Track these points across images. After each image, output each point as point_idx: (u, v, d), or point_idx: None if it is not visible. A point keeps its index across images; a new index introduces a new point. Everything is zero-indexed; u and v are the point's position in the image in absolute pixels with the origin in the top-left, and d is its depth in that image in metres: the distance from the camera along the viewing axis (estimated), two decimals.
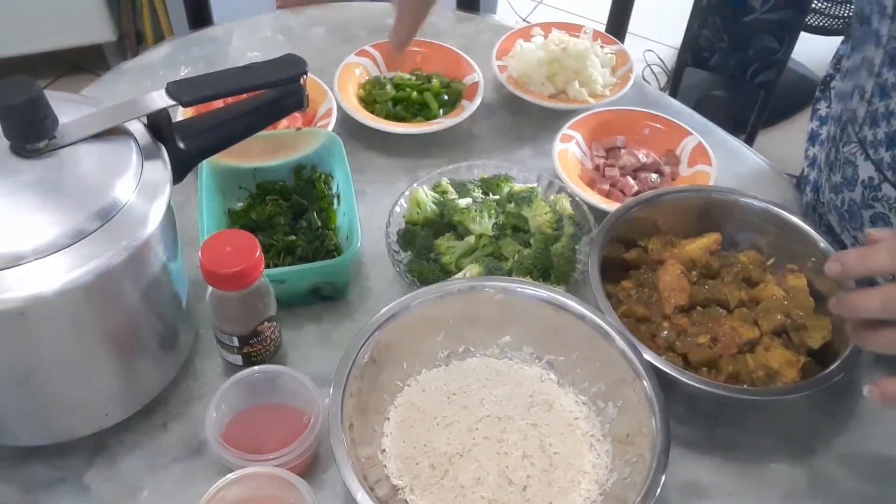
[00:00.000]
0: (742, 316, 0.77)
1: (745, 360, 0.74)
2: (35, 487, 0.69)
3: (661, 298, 0.78)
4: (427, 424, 0.71)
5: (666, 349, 0.75)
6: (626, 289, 0.80)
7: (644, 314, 0.77)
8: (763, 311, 0.77)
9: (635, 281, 0.81)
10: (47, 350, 0.63)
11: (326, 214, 0.88)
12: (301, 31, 1.19)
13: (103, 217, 0.60)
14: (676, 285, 0.78)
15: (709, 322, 0.76)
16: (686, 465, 0.73)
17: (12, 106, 0.60)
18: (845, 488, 0.72)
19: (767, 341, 0.75)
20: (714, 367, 0.74)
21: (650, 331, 0.77)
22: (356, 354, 0.69)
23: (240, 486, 0.64)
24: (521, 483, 0.67)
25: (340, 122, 1.00)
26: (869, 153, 0.78)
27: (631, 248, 0.84)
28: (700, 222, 0.85)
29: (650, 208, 0.84)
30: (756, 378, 0.73)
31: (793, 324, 0.76)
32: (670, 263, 0.80)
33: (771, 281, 0.79)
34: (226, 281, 0.67)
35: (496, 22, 1.28)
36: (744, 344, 0.74)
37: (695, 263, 0.81)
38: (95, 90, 1.08)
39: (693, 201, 0.86)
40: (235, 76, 0.71)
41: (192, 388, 0.76)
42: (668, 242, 0.83)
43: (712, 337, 0.75)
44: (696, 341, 0.75)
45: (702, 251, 0.81)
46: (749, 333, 0.75)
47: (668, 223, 0.85)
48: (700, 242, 0.82)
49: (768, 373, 0.73)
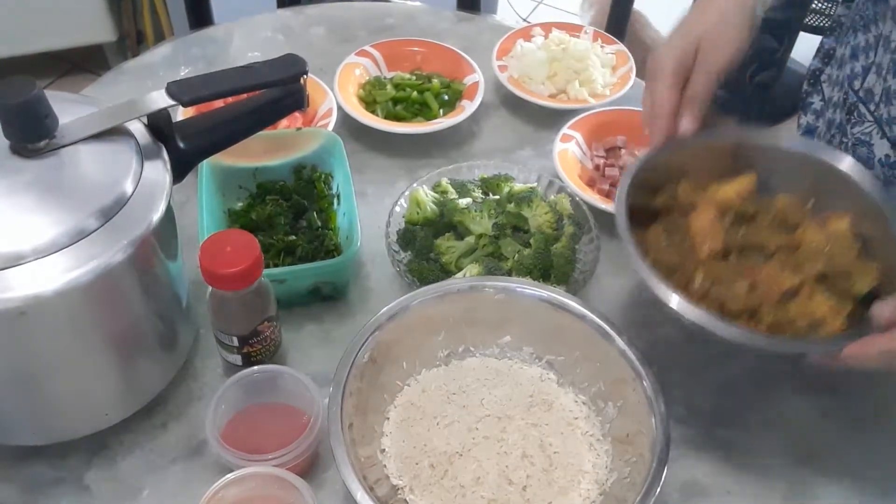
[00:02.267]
0: (782, 262, 0.71)
1: (786, 308, 0.69)
2: (35, 487, 0.69)
3: (693, 244, 0.73)
4: (427, 424, 0.71)
5: (700, 298, 0.70)
6: (656, 234, 0.75)
7: (675, 262, 0.72)
8: (804, 256, 0.72)
9: (664, 228, 0.76)
10: (47, 350, 0.63)
11: (326, 214, 0.88)
12: (301, 31, 1.19)
13: (103, 217, 0.60)
14: (710, 229, 0.73)
15: (746, 269, 0.71)
16: (686, 465, 0.73)
17: (12, 106, 0.60)
18: (845, 488, 0.72)
19: (810, 288, 0.70)
20: (753, 317, 0.69)
21: (682, 280, 0.71)
22: (356, 354, 0.69)
23: (240, 486, 0.64)
24: (520, 483, 0.67)
25: (340, 122, 1.00)
26: (885, 131, 0.77)
27: (658, 193, 0.79)
28: (731, 165, 0.78)
29: (678, 152, 0.77)
30: (798, 328, 0.68)
31: (836, 270, 0.71)
32: (703, 207, 0.74)
33: (812, 224, 0.74)
34: (226, 281, 0.67)
35: (496, 22, 1.28)
36: (785, 292, 0.69)
37: (728, 208, 0.75)
38: (95, 90, 1.08)
39: (724, 144, 0.79)
40: (235, 76, 0.71)
41: (192, 388, 0.76)
42: (698, 186, 0.77)
43: (751, 284, 0.70)
44: (734, 289, 0.69)
45: (736, 194, 0.76)
46: (790, 280, 0.69)
47: (698, 167, 0.78)
48: (734, 185, 0.76)
49: (812, 322, 0.68)
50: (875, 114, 0.79)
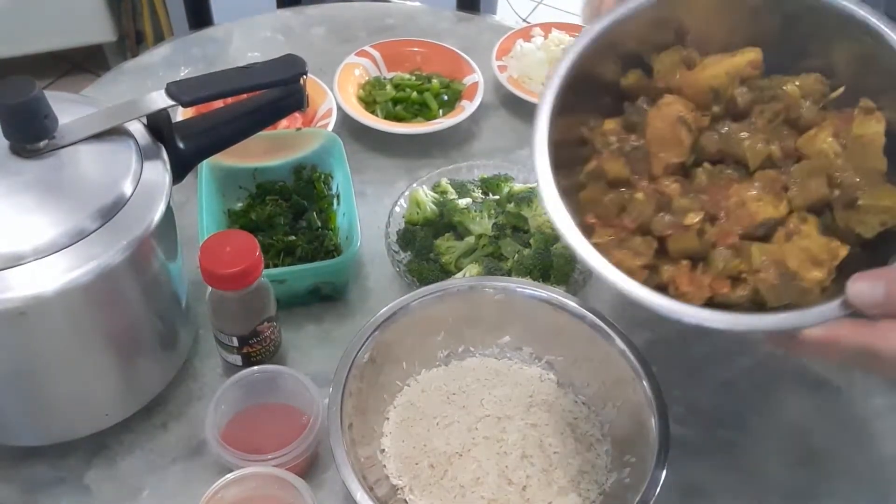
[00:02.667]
0: (766, 182, 0.53)
1: (750, 252, 0.51)
2: (35, 487, 0.69)
3: (649, 153, 0.55)
4: (426, 424, 0.71)
5: (636, 230, 0.54)
6: (607, 132, 0.57)
7: (621, 175, 0.55)
8: (800, 175, 0.52)
9: (624, 121, 0.57)
10: (47, 350, 0.63)
11: (326, 214, 0.88)
12: (301, 31, 1.19)
13: (103, 217, 0.60)
14: (670, 134, 0.54)
15: (714, 189, 0.53)
16: (686, 465, 0.73)
17: (12, 106, 0.60)
18: (845, 488, 0.72)
19: (794, 223, 0.52)
20: (701, 261, 0.53)
21: (618, 201, 0.55)
22: (356, 354, 0.69)
23: (239, 486, 0.64)
24: (520, 483, 0.67)
25: (340, 122, 1.00)
26: None
27: (630, 71, 0.59)
28: (751, 27, 0.56)
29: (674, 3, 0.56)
30: (763, 282, 0.50)
31: (842, 196, 0.51)
32: (667, 100, 0.55)
33: (827, 126, 0.53)
34: (226, 281, 0.68)
35: (496, 22, 1.28)
36: (756, 226, 0.52)
37: (717, 95, 0.56)
38: (95, 90, 1.08)
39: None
40: (235, 76, 0.71)
41: (191, 388, 0.76)
42: (684, 60, 0.57)
43: (709, 215, 0.52)
44: (682, 220, 0.52)
45: (728, 76, 0.55)
46: (768, 211, 0.51)
47: (702, 28, 0.57)
48: (728, 63, 0.55)
49: (783, 274, 0.50)
50: None
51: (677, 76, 0.56)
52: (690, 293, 0.52)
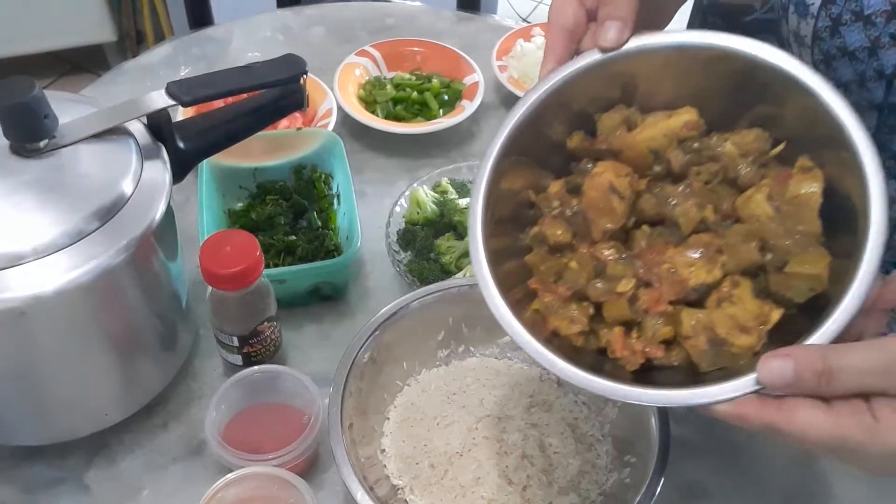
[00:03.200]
0: (700, 246, 0.51)
1: (681, 318, 0.50)
2: (35, 487, 0.69)
3: (587, 219, 0.54)
4: (427, 424, 0.71)
5: (572, 297, 0.53)
6: (552, 196, 0.56)
7: (561, 240, 0.54)
8: (735, 238, 0.51)
9: (567, 184, 0.56)
10: (47, 350, 0.63)
11: (326, 214, 0.88)
12: (301, 31, 1.19)
13: (103, 217, 0.60)
14: (603, 203, 0.53)
15: (650, 253, 0.52)
16: (686, 465, 0.73)
17: (12, 106, 0.60)
18: (845, 488, 0.72)
19: (727, 288, 0.50)
20: (638, 327, 0.52)
21: (555, 269, 0.54)
22: (356, 354, 0.69)
23: (240, 486, 0.64)
24: (520, 483, 0.67)
25: (340, 122, 1.00)
26: None
27: (574, 133, 0.57)
28: (702, 82, 0.54)
29: (627, 60, 0.54)
30: (693, 348, 0.50)
31: (773, 260, 0.50)
32: (599, 170, 0.54)
33: (762, 188, 0.51)
34: (226, 281, 0.67)
35: (496, 22, 1.28)
36: (689, 291, 0.50)
37: (658, 156, 0.54)
38: (95, 90, 1.08)
39: (697, 52, 0.53)
40: (235, 76, 0.71)
41: (192, 388, 0.76)
42: (626, 121, 0.55)
43: (642, 280, 0.51)
44: (614, 288, 0.51)
45: (665, 138, 0.53)
46: (700, 276, 0.50)
47: (651, 82, 0.55)
48: (664, 125, 0.54)
49: (713, 341, 0.49)
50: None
51: (620, 138, 0.55)
52: (625, 357, 0.52)
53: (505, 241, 0.56)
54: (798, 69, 0.50)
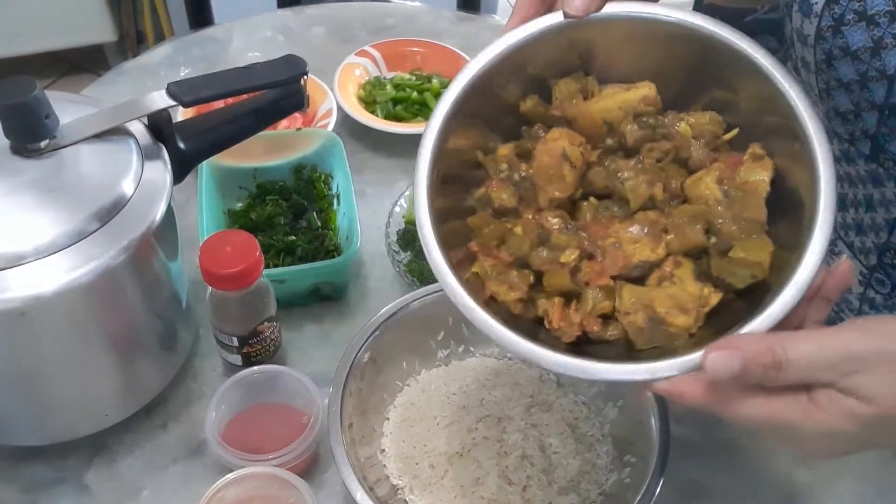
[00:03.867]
0: (646, 223, 0.52)
1: (622, 294, 0.51)
2: (35, 487, 0.69)
3: (535, 185, 0.54)
4: (426, 424, 0.71)
5: (513, 263, 0.53)
6: (500, 159, 0.55)
7: (507, 204, 0.53)
8: (681, 218, 0.51)
9: (517, 148, 0.55)
10: (47, 350, 0.63)
11: (326, 214, 0.88)
12: (301, 31, 1.19)
13: (103, 217, 0.60)
14: (554, 170, 0.52)
15: (595, 226, 0.52)
16: (686, 465, 0.73)
17: (12, 106, 0.60)
18: (845, 489, 0.72)
19: (669, 268, 0.51)
20: (577, 299, 0.52)
21: (497, 232, 0.53)
22: (356, 354, 0.69)
23: (240, 486, 0.64)
24: (520, 483, 0.67)
25: (340, 122, 1.00)
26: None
27: (529, 96, 0.56)
28: (662, 57, 0.54)
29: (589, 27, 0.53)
30: (631, 325, 0.50)
31: (717, 244, 0.51)
32: (554, 136, 0.53)
33: (713, 170, 0.52)
34: (226, 281, 0.68)
35: (496, 22, 1.28)
36: (632, 268, 0.51)
37: (612, 129, 0.54)
38: (96, 90, 1.08)
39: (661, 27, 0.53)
40: (236, 76, 0.71)
41: (191, 388, 0.76)
42: (582, 90, 0.55)
43: (586, 252, 0.51)
44: (558, 257, 0.51)
45: (621, 111, 0.54)
46: (643, 253, 0.50)
47: (611, 53, 0.55)
48: (621, 97, 0.54)
49: (651, 319, 0.49)
50: None
51: (575, 107, 0.55)
52: (562, 329, 0.51)
53: (450, 200, 0.54)
54: (756, 52, 0.50)
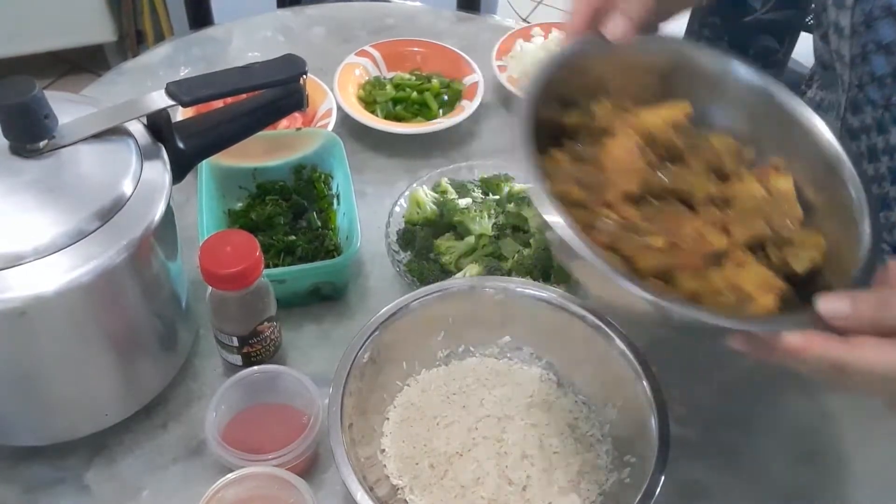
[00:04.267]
0: (710, 217, 0.57)
1: (707, 276, 0.54)
2: (35, 487, 0.69)
3: (604, 179, 0.57)
4: (427, 424, 0.71)
5: (606, 246, 0.54)
6: (559, 161, 0.59)
7: (579, 198, 0.57)
8: (739, 214, 0.57)
9: (571, 154, 0.60)
10: (47, 350, 0.63)
11: (326, 214, 0.88)
12: (301, 31, 1.19)
13: (103, 217, 0.60)
14: (629, 163, 0.57)
15: (666, 220, 0.56)
16: (686, 465, 0.72)
17: (12, 106, 0.60)
18: (845, 489, 0.72)
19: (740, 255, 0.55)
20: (668, 281, 0.54)
21: (585, 220, 0.56)
22: (356, 354, 0.69)
23: (239, 486, 0.64)
24: (520, 483, 0.67)
25: (340, 122, 1.00)
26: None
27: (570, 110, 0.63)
28: (663, 87, 0.62)
29: (602, 59, 0.61)
30: (721, 301, 0.54)
31: (776, 236, 0.57)
32: (624, 133, 0.59)
33: (751, 175, 0.59)
34: (226, 281, 0.68)
35: (496, 22, 1.28)
36: (711, 254, 0.55)
37: (654, 140, 0.59)
38: (95, 90, 1.08)
39: (661, 59, 0.62)
40: (235, 76, 0.71)
41: (191, 388, 0.76)
42: (620, 108, 0.62)
43: (670, 241, 0.55)
44: (649, 242, 0.55)
45: (665, 123, 0.60)
46: (718, 241, 0.55)
47: (624, 83, 0.62)
48: (664, 112, 0.61)
49: (739, 296, 0.54)
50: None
51: (618, 120, 0.60)
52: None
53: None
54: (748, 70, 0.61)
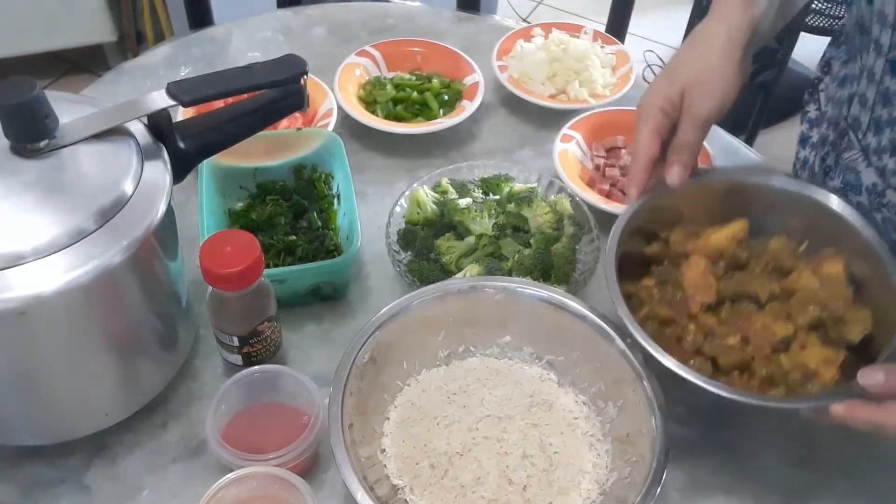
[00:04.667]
0: (774, 311, 0.71)
1: (779, 360, 0.69)
2: (35, 487, 0.69)
3: (685, 297, 0.72)
4: (427, 424, 0.71)
5: (694, 353, 0.70)
6: (648, 287, 0.74)
7: (669, 316, 0.72)
8: (797, 303, 0.71)
9: (657, 278, 0.75)
10: (47, 350, 0.63)
11: (326, 214, 0.88)
12: (301, 31, 1.19)
13: (103, 217, 0.60)
14: (702, 282, 0.72)
15: (739, 320, 0.71)
16: (686, 465, 0.73)
17: (12, 106, 0.60)
18: (845, 489, 0.73)
19: (803, 337, 0.69)
20: (746, 370, 0.69)
21: (676, 333, 0.71)
22: (356, 354, 0.69)
23: (240, 486, 0.64)
24: (521, 483, 0.67)
25: (340, 122, 1.00)
26: (872, 160, 0.78)
27: (652, 241, 0.78)
28: (724, 207, 0.77)
29: (670, 198, 0.76)
30: (792, 380, 0.68)
31: (830, 316, 0.70)
32: (694, 258, 0.74)
33: (805, 269, 0.73)
34: (226, 281, 0.67)
35: (496, 22, 1.28)
36: (778, 342, 0.69)
37: (721, 255, 0.75)
38: (95, 90, 1.08)
39: (715, 186, 0.78)
40: (236, 76, 0.71)
41: (192, 388, 0.76)
42: (691, 233, 0.76)
43: (743, 337, 0.70)
44: (726, 342, 0.69)
45: (728, 241, 0.75)
46: (783, 330, 0.69)
47: (691, 213, 0.77)
48: (726, 231, 0.75)
49: (805, 373, 0.68)
50: (862, 143, 0.79)
51: (690, 244, 0.75)
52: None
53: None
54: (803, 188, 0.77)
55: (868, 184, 0.79)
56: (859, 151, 0.79)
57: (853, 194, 0.81)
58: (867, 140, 0.78)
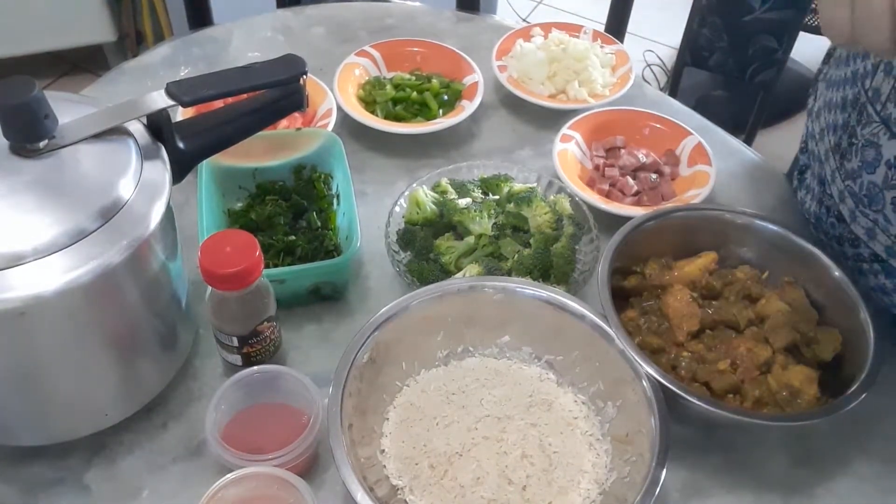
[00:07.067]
0: (753, 335, 0.75)
1: (766, 381, 0.72)
2: (35, 487, 0.69)
3: (672, 326, 0.76)
4: (426, 424, 0.71)
5: (690, 380, 0.73)
6: (633, 318, 0.77)
7: (659, 345, 0.75)
8: (771, 327, 0.75)
9: (639, 310, 0.78)
10: (47, 350, 0.63)
11: (326, 214, 0.88)
12: (301, 31, 1.19)
13: (103, 217, 0.60)
14: (686, 311, 0.76)
15: (722, 345, 0.74)
16: (686, 464, 0.73)
17: (12, 106, 0.60)
18: (845, 489, 0.73)
19: (782, 359, 0.73)
20: (738, 393, 0.72)
21: (669, 362, 0.74)
22: (356, 354, 0.69)
23: (239, 486, 0.64)
24: (520, 483, 0.67)
25: (340, 122, 1.00)
26: (894, 131, 0.76)
27: (627, 275, 0.81)
28: (686, 241, 0.82)
29: (644, 232, 0.80)
30: (780, 399, 0.71)
31: (803, 337, 0.75)
32: (677, 288, 0.77)
33: (773, 295, 0.77)
34: (225, 281, 0.68)
35: (496, 22, 1.28)
36: (761, 364, 0.73)
37: (695, 285, 0.79)
38: (95, 90, 1.08)
39: (674, 222, 0.82)
40: (235, 76, 0.71)
41: (192, 388, 0.76)
42: (664, 265, 0.80)
43: (731, 361, 0.73)
44: (717, 368, 0.72)
45: (701, 272, 0.79)
46: (764, 353, 0.73)
47: (661, 246, 0.82)
48: (698, 263, 0.80)
49: (791, 391, 0.71)
50: (882, 114, 0.78)
51: (666, 276, 0.79)
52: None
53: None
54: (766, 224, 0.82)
55: (889, 157, 0.77)
56: (880, 124, 0.78)
57: (867, 173, 0.79)
58: (888, 110, 0.77)
